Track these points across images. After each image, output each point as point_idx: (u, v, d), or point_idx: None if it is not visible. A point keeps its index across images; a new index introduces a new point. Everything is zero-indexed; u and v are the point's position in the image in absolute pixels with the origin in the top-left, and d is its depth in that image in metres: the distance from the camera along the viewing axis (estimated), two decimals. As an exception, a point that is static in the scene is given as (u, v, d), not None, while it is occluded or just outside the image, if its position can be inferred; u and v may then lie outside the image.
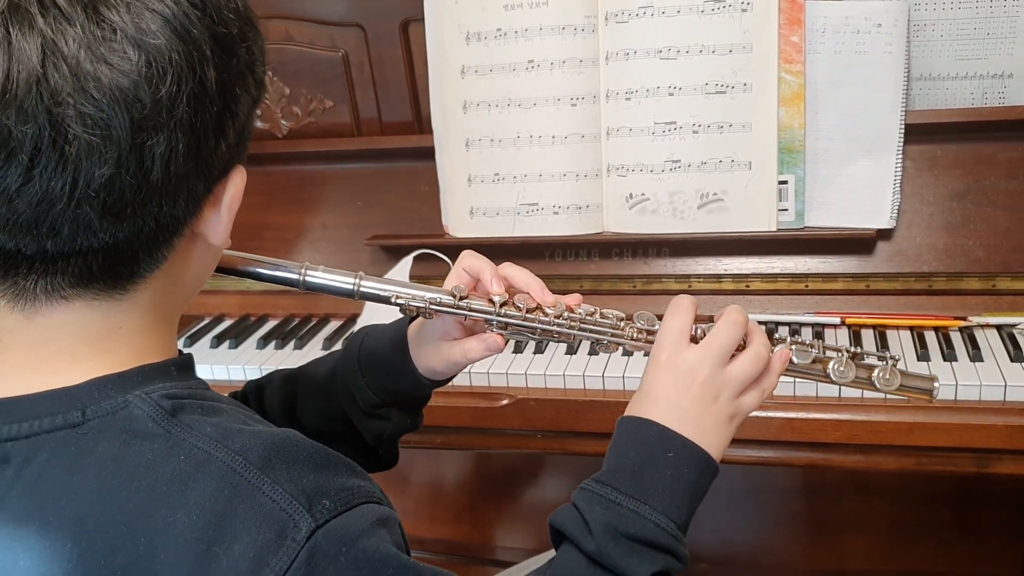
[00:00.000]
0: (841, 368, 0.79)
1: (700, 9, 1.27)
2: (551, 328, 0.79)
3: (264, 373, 1.35)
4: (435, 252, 1.44)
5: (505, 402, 1.25)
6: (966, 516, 1.59)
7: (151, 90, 0.52)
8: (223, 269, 0.72)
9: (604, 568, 0.66)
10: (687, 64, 1.29)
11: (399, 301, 0.78)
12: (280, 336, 1.46)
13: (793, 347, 0.79)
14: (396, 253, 1.47)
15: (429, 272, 1.45)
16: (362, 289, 0.78)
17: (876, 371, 0.80)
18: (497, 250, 1.46)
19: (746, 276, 1.36)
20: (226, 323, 1.54)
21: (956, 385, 1.13)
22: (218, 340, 1.47)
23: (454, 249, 1.44)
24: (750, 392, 0.76)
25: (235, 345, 1.45)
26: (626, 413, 0.75)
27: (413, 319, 0.84)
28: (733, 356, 0.75)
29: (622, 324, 0.80)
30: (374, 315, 1.41)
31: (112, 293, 0.59)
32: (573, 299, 0.81)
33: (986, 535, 1.58)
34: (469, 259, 0.82)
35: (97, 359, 0.59)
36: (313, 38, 1.53)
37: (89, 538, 0.53)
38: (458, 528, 1.86)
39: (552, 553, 1.16)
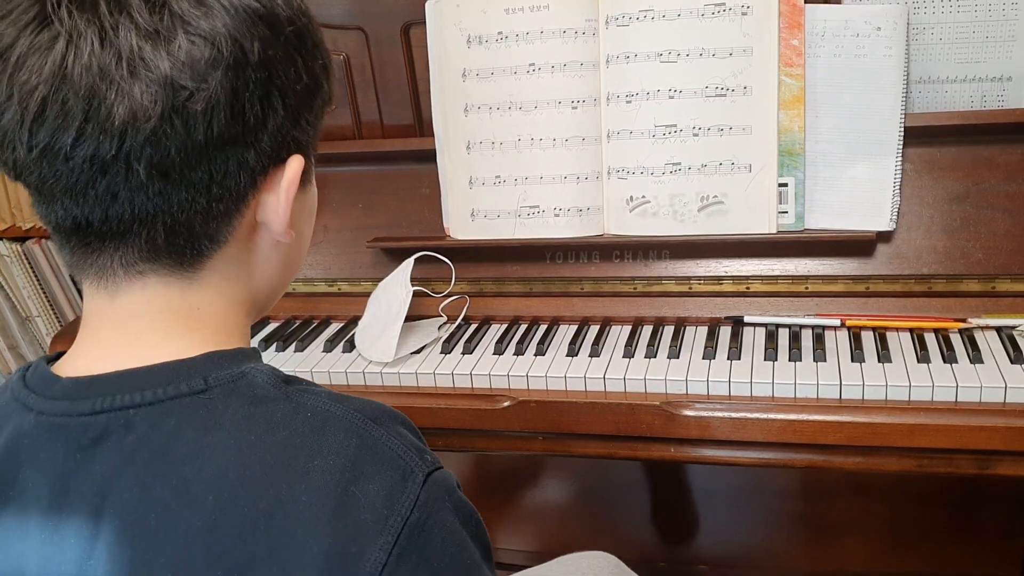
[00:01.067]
0: None
1: (700, 13, 1.28)
2: None
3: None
4: (436, 254, 1.45)
5: (506, 404, 1.25)
6: (965, 517, 1.59)
7: (192, 53, 0.55)
8: None
9: None
10: (687, 67, 1.30)
11: None
12: (281, 338, 1.46)
13: None
14: (397, 255, 1.47)
15: (430, 274, 1.46)
16: None
17: None
18: (498, 252, 1.48)
19: (746, 278, 1.36)
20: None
21: (957, 387, 1.13)
22: (219, 342, 1.47)
23: (455, 251, 1.45)
24: None
25: (236, 347, 1.45)
26: None
27: None
28: None
29: None
30: (376, 315, 1.41)
31: (181, 271, 0.62)
32: None
33: (985, 536, 1.59)
34: None
35: (189, 335, 0.63)
36: (314, 41, 1.53)
37: (231, 489, 0.56)
38: (458, 530, 1.86)
39: (564, 558, 1.17)
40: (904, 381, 1.15)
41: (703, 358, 1.25)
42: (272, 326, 1.52)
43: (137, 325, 0.62)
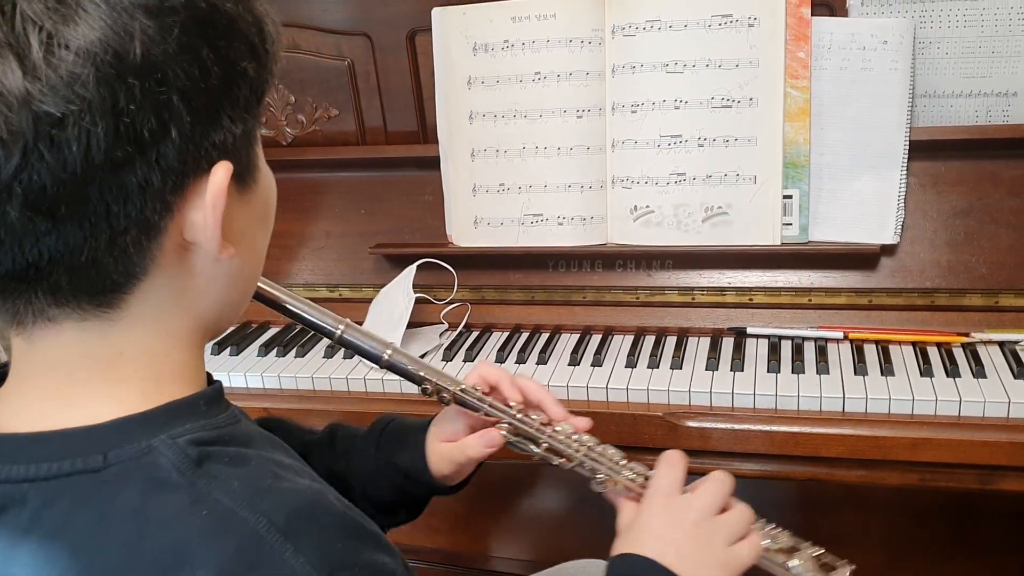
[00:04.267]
0: (798, 566, 0.83)
1: (707, 24, 1.28)
2: (558, 446, 0.83)
3: (265, 381, 1.36)
4: (439, 261, 1.44)
5: (508, 413, 1.25)
6: (964, 532, 1.59)
7: (52, 70, 0.46)
8: (265, 300, 0.75)
9: None
10: (693, 78, 1.30)
11: (426, 387, 0.83)
12: (281, 344, 1.45)
13: (765, 528, 0.83)
14: (399, 262, 1.47)
15: (432, 281, 1.45)
16: (392, 361, 0.83)
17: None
18: (501, 260, 1.47)
19: (749, 289, 1.36)
20: (227, 330, 1.53)
21: (960, 401, 1.13)
22: (219, 346, 1.46)
23: (458, 259, 1.45)
24: (743, 544, 0.77)
25: (236, 352, 1.45)
26: (620, 549, 0.77)
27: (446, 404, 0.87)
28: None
29: (620, 464, 0.84)
30: (378, 322, 1.41)
31: (98, 312, 0.54)
32: (583, 422, 0.85)
33: (984, 551, 1.58)
34: (486, 367, 0.86)
35: (113, 389, 0.56)
36: (319, 46, 1.53)
37: None
38: (455, 538, 1.86)
39: (561, 567, 1.16)
40: (907, 395, 1.15)
41: (706, 369, 1.25)
42: (272, 331, 1.52)
43: (56, 376, 0.56)
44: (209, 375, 0.64)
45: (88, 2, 0.47)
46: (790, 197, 1.30)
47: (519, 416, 0.84)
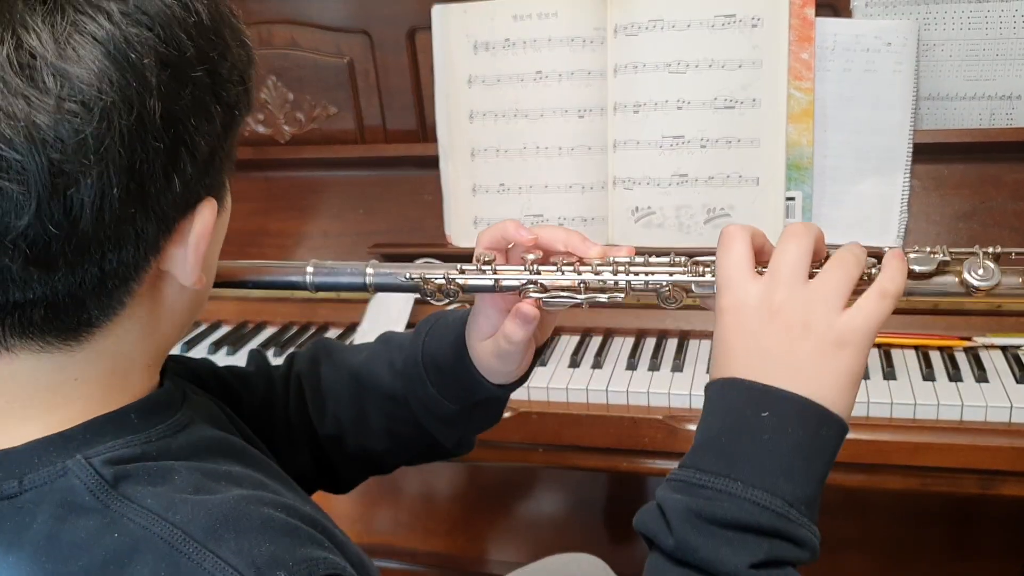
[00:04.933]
0: (980, 271, 0.61)
1: (710, 24, 1.27)
2: (598, 283, 0.66)
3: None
4: (437, 261, 1.43)
5: (507, 415, 1.23)
6: (963, 536, 1.58)
7: (73, 128, 0.45)
8: (223, 282, 0.67)
9: (690, 566, 0.54)
10: (696, 78, 1.29)
11: (414, 278, 0.69)
12: (279, 344, 1.44)
13: (911, 255, 0.63)
14: (398, 262, 1.45)
15: (431, 282, 1.44)
16: (374, 279, 0.70)
17: None
18: (500, 261, 1.46)
19: (751, 292, 1.35)
20: (223, 329, 1.52)
21: (962, 406, 1.13)
22: (215, 347, 1.45)
23: (457, 259, 1.43)
24: (861, 301, 0.58)
25: (233, 352, 1.44)
26: (709, 380, 0.62)
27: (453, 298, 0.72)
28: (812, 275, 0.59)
29: (682, 259, 0.67)
30: (376, 321, 1.40)
31: (62, 345, 0.53)
32: (622, 251, 0.68)
33: (983, 555, 1.58)
34: (487, 231, 0.70)
35: (50, 415, 0.54)
36: (318, 44, 1.52)
37: None
38: (452, 540, 1.85)
39: (550, 559, 1.14)
40: (909, 399, 1.14)
41: (707, 372, 1.24)
42: (269, 331, 1.51)
43: None
44: (163, 378, 0.61)
45: (97, 47, 0.46)
46: (793, 199, 1.29)
47: (538, 271, 0.67)
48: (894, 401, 1.14)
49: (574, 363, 1.29)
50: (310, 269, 0.71)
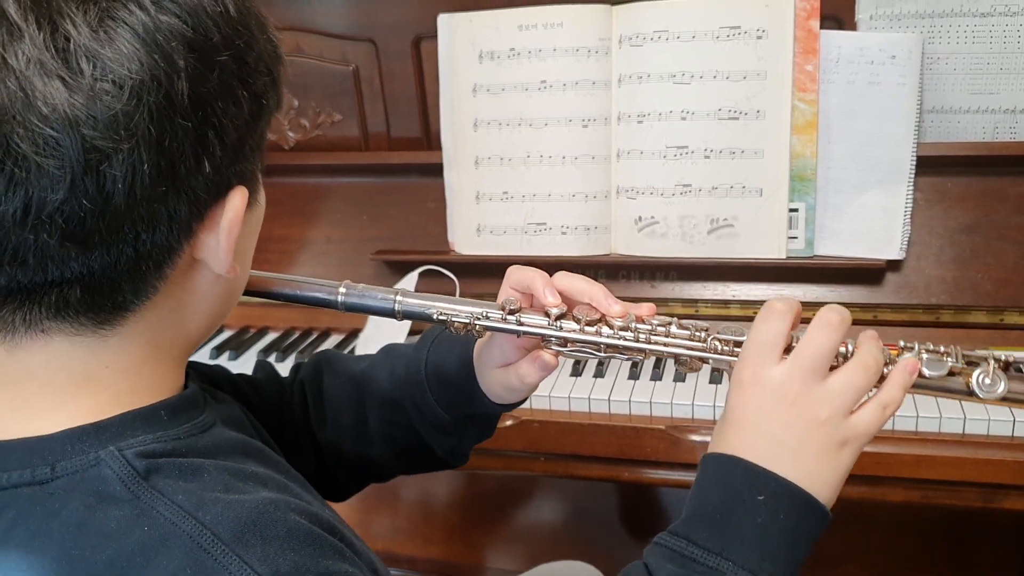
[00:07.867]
0: (988, 380, 0.64)
1: (715, 35, 1.28)
2: (618, 343, 0.67)
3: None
4: (440, 269, 1.43)
5: (509, 423, 1.24)
6: (965, 549, 1.58)
7: (105, 105, 0.47)
8: (253, 291, 0.68)
9: None
10: (700, 89, 1.29)
11: (441, 318, 0.71)
12: (280, 349, 1.44)
13: (924, 355, 0.66)
14: (401, 269, 1.46)
15: (434, 289, 1.44)
16: (402, 308, 0.71)
17: None
18: (503, 268, 1.45)
19: (754, 302, 1.35)
20: (225, 334, 1.52)
21: (964, 419, 1.13)
22: (217, 351, 1.45)
23: (460, 266, 1.44)
24: (865, 409, 0.62)
25: (235, 357, 1.44)
26: (710, 448, 0.63)
27: (477, 337, 0.76)
28: (834, 368, 0.62)
29: (702, 335, 0.68)
30: (378, 329, 1.40)
31: (97, 328, 0.54)
32: (645, 309, 0.69)
33: (982, 568, 1.57)
34: (516, 273, 0.72)
35: (81, 401, 0.55)
36: (324, 51, 1.52)
37: None
38: (450, 548, 1.84)
39: (544, 566, 1.14)
40: (911, 411, 1.14)
41: (710, 382, 1.24)
42: (271, 336, 1.51)
43: (30, 386, 0.55)
44: (187, 380, 0.63)
45: (128, 31, 0.48)
46: (796, 211, 1.29)
47: (560, 327, 0.69)
48: (896, 414, 1.13)
49: (576, 371, 1.29)
50: (343, 290, 0.72)
